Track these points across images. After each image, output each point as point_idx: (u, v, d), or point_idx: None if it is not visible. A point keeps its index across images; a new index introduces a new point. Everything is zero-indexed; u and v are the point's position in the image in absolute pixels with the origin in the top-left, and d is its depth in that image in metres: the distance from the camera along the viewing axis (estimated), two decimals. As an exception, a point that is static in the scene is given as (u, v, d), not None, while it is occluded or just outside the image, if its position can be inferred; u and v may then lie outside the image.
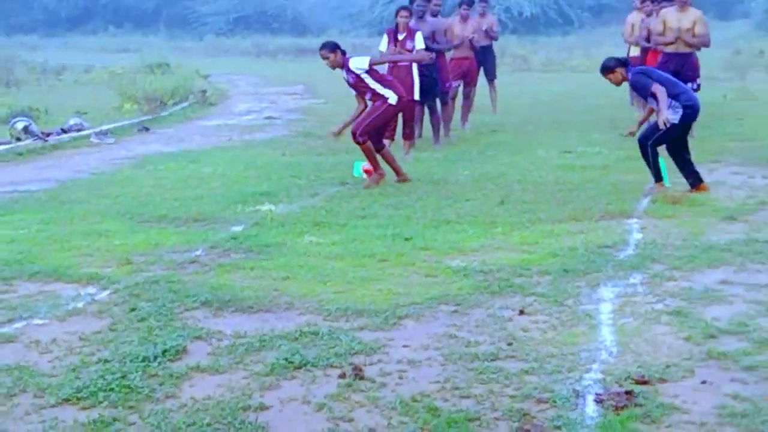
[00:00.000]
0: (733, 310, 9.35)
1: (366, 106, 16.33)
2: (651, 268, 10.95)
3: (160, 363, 8.16)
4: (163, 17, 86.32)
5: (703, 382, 7.48)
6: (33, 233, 13.09)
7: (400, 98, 16.13)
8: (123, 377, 7.70)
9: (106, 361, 8.16)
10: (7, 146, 21.16)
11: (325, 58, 16.22)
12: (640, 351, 8.27)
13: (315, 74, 45.10)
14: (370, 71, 15.56)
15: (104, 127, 24.58)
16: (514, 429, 6.73)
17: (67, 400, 7.33)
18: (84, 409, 7.11)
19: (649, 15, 20.24)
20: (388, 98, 15.90)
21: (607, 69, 14.70)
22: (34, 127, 22.79)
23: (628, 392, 7.21)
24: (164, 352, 8.42)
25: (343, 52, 16.57)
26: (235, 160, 19.58)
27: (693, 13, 18.87)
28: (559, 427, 6.69)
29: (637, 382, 7.41)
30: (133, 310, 9.75)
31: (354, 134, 15.93)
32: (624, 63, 15.06)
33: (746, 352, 8.17)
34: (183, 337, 8.76)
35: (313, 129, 25.12)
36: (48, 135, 22.61)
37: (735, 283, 10.23)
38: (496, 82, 24.93)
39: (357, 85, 16.08)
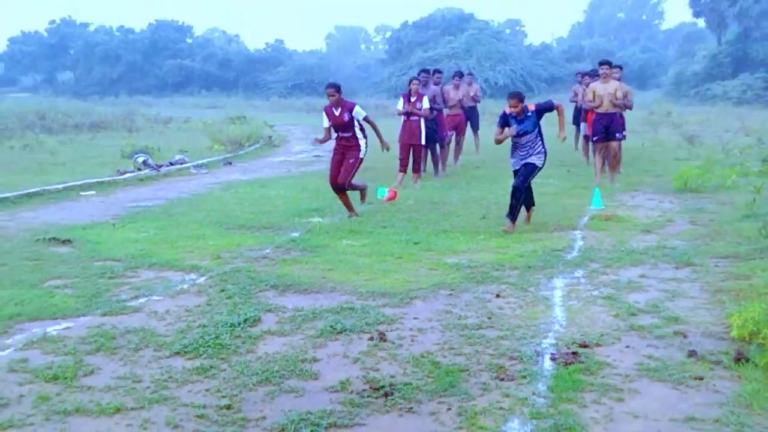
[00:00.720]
0: (648, 296, 9.54)
1: (328, 139, 15.72)
2: (589, 266, 11.10)
3: (242, 328, 8.44)
4: (241, 83, 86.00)
5: (627, 347, 7.71)
6: (151, 236, 13.27)
7: (365, 151, 15.50)
8: (216, 338, 8.04)
9: (204, 326, 8.47)
10: (131, 174, 21.54)
11: (330, 95, 15.11)
12: (582, 324, 8.48)
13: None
14: (361, 121, 15.08)
15: (200, 162, 24.91)
16: (493, 377, 6.93)
17: (177, 353, 7.66)
18: (189, 359, 7.45)
19: (587, 86, 20.04)
20: (360, 147, 15.20)
21: (519, 97, 13.85)
22: (150, 161, 23.14)
23: (574, 353, 7.45)
24: (245, 320, 8.69)
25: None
26: (293, 186, 19.29)
27: (613, 84, 18.67)
28: (525, 377, 6.89)
29: (580, 346, 7.66)
30: (222, 290, 10.01)
31: (343, 184, 14.95)
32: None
33: (657, 326, 8.37)
34: (258, 309, 9.06)
35: None
36: (160, 167, 22.88)
37: (650, 277, 10.39)
38: (479, 132, 25.08)
39: (346, 123, 15.04)
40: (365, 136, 15.27)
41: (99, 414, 6.19)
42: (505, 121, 13.91)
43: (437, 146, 20.79)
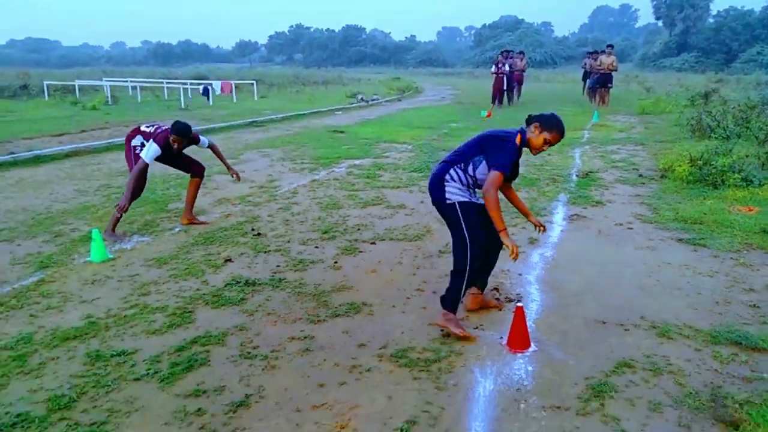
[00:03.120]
0: (620, 156, 9.85)
1: None
2: (592, 144, 11.16)
3: (431, 161, 9.22)
4: (391, 60, 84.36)
5: (610, 173, 8.45)
6: (377, 130, 13.39)
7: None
8: (423, 163, 8.66)
9: (416, 161, 9.07)
10: (356, 104, 21.42)
11: None
12: (589, 165, 9.10)
13: (457, 82, 43.71)
14: None
15: (387, 99, 24.60)
16: (550, 181, 7.81)
17: (411, 171, 8.46)
18: (413, 172, 8.33)
19: (594, 59, 19.93)
20: None
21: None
22: (363, 97, 23.23)
23: (586, 173, 8.28)
24: (432, 160, 8.96)
25: None
26: (435, 110, 19.59)
27: (611, 57, 18.81)
28: (565, 181, 7.82)
29: (589, 172, 8.41)
30: (421, 150, 10.34)
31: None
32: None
33: (625, 166, 8.99)
34: (435, 156, 9.40)
35: (459, 100, 24.50)
36: (368, 101, 22.88)
37: (622, 149, 10.55)
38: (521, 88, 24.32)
39: None
40: None
41: (381, 187, 7.40)
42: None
43: (512, 90, 21.05)
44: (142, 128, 5.75)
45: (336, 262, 4.77)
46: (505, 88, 19.88)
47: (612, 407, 2.75)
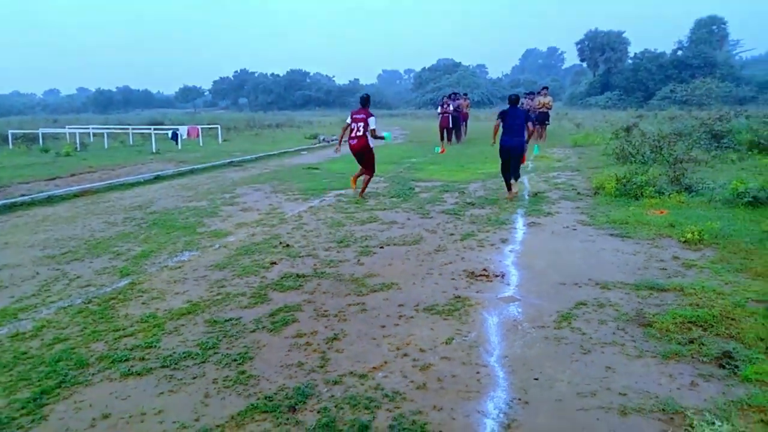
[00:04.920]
0: (560, 180, 11.49)
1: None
2: (536, 171, 12.83)
3: (409, 190, 10.46)
4: (336, 102, 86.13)
5: (554, 193, 10.22)
6: (347, 167, 14.11)
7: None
8: (396, 194, 10.14)
9: (391, 189, 10.67)
10: (317, 144, 22.47)
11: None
12: (535, 187, 10.61)
13: (403, 123, 45.00)
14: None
15: (345, 139, 25.69)
16: (507, 201, 9.49)
17: (385, 196, 10.16)
18: (386, 196, 9.99)
19: (531, 99, 21.37)
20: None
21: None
22: (323, 137, 24.18)
23: (535, 193, 9.78)
24: (409, 188, 10.49)
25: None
26: (393, 149, 20.26)
27: (547, 97, 20.69)
28: (521, 199, 9.41)
29: (536, 193, 9.89)
30: (390, 182, 11.90)
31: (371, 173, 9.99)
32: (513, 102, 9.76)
33: (565, 187, 10.64)
34: (411, 186, 10.86)
35: (410, 139, 26.03)
36: (329, 141, 23.87)
37: (561, 175, 12.17)
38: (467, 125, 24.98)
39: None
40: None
41: (363, 223, 8.87)
42: (503, 114, 9.55)
43: (459, 128, 22.39)
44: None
45: (358, 261, 6.18)
46: (451, 126, 21.55)
47: (575, 323, 4.29)
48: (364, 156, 10.02)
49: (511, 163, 9.55)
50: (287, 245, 6.90)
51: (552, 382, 3.45)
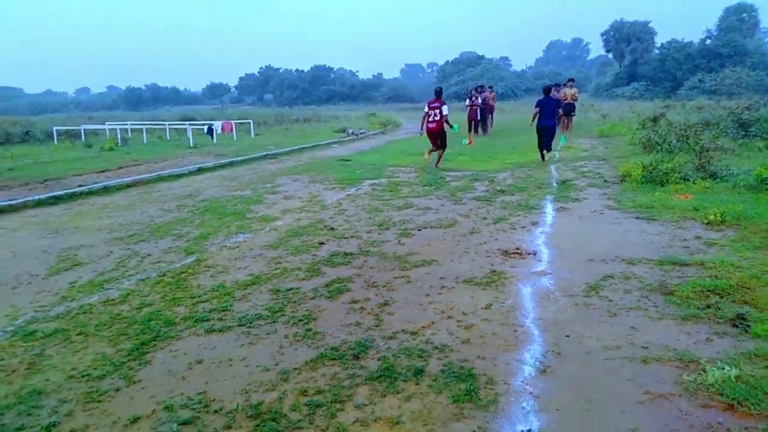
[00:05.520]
0: (587, 168, 11.85)
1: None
2: (563, 161, 13.16)
3: (441, 180, 10.89)
4: (360, 97, 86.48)
5: (581, 181, 10.65)
6: (378, 158, 15.39)
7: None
8: (430, 184, 10.67)
9: (423, 179, 11.04)
10: (347, 138, 23.10)
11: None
12: (563, 176, 11.01)
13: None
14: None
15: (373, 132, 26.47)
16: (536, 188, 9.90)
17: (416, 186, 10.65)
18: (415, 188, 10.49)
19: (557, 91, 21.57)
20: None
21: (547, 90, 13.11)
22: (353, 131, 24.89)
23: (563, 181, 10.17)
24: (440, 178, 10.99)
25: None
26: (420, 141, 20.87)
27: (573, 89, 21.00)
28: (549, 186, 9.81)
29: (565, 180, 10.37)
30: (420, 174, 12.29)
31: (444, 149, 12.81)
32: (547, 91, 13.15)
33: (592, 176, 10.98)
34: (442, 177, 11.39)
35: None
36: (357, 134, 24.58)
37: (588, 164, 12.50)
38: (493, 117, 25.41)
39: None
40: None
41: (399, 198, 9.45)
42: (539, 102, 12.93)
43: (485, 121, 23.02)
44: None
45: (399, 241, 6.71)
46: (478, 118, 22.00)
47: (602, 293, 4.77)
48: (440, 136, 12.84)
49: (545, 140, 13.01)
50: (332, 228, 7.46)
51: (581, 339, 3.94)
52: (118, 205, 9.82)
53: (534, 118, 13.26)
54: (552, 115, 12.97)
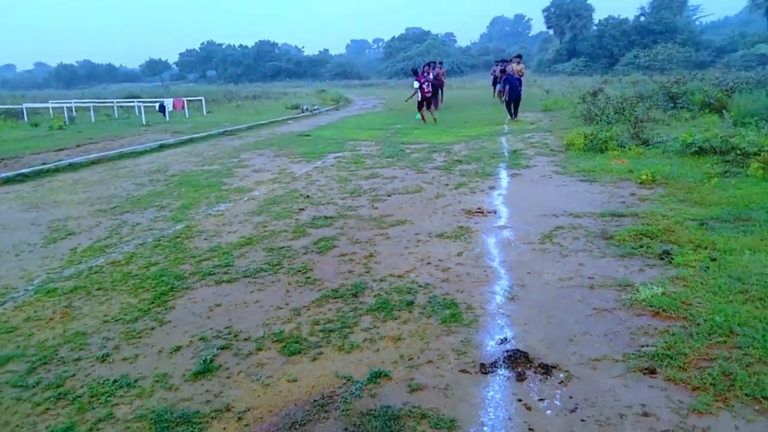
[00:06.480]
0: (534, 140, 12.72)
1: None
2: (512, 133, 14.03)
3: (400, 152, 11.53)
4: (307, 74, 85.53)
5: (530, 150, 11.54)
6: (337, 133, 15.93)
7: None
8: (388, 155, 11.31)
9: (381, 151, 11.74)
10: (302, 114, 23.25)
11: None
12: (513, 147, 11.90)
13: (377, 92, 45.94)
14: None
15: (327, 108, 26.55)
16: (490, 158, 10.77)
17: (374, 158, 11.33)
18: (374, 159, 11.17)
19: (502, 68, 22.25)
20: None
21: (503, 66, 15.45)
22: (306, 107, 24.99)
23: (514, 151, 11.18)
24: (400, 151, 11.62)
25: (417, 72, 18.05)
26: (374, 116, 22.00)
27: (520, 65, 21.88)
28: (501, 156, 10.66)
29: (515, 151, 11.23)
30: (381, 145, 12.89)
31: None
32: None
33: (539, 145, 11.88)
34: (401, 149, 12.03)
35: (389, 107, 27.13)
36: (311, 111, 24.60)
37: (534, 135, 13.45)
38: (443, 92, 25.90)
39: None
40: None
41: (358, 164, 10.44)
42: (507, 80, 17.85)
43: (437, 96, 23.74)
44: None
45: (373, 206, 7.41)
46: (430, 94, 22.59)
47: (555, 240, 5.62)
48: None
49: (515, 107, 17.31)
50: (307, 196, 8.09)
51: (540, 274, 4.77)
52: (88, 180, 10.11)
53: (504, 93, 17.77)
54: (519, 86, 17.74)
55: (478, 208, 6.99)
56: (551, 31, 73.85)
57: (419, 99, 18.56)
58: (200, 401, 3.15)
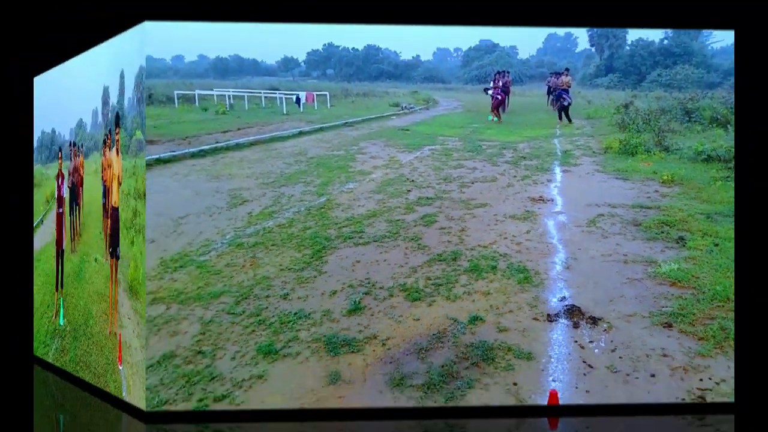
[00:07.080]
0: None
1: None
2: (559, 137, 14.05)
3: (479, 143, 12.00)
4: (403, 77, 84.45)
5: None
6: (428, 129, 13.57)
7: None
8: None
9: (465, 150, 12.15)
10: (402, 111, 23.20)
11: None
12: (565, 148, 12.05)
13: (457, 95, 44.97)
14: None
15: (419, 107, 26.65)
16: (546, 155, 10.80)
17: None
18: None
19: (556, 78, 21.50)
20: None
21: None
22: (404, 105, 24.73)
23: (565, 152, 11.16)
24: (474, 149, 12.03)
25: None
26: (456, 116, 21.39)
27: (568, 77, 21.01)
28: (552, 155, 10.80)
29: (564, 152, 11.31)
30: (466, 141, 13.20)
31: None
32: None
33: None
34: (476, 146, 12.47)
35: (467, 109, 26.85)
36: (408, 109, 24.57)
37: None
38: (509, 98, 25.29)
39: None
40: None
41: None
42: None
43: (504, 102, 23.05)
44: None
45: (461, 190, 7.67)
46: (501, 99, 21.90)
47: (598, 224, 5.78)
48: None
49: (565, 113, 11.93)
50: (412, 180, 8.47)
51: (587, 250, 5.03)
52: (250, 159, 10.74)
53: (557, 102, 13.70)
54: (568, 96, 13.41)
55: (540, 197, 7.19)
56: (593, 49, 69.07)
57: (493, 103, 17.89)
58: (355, 330, 3.70)
